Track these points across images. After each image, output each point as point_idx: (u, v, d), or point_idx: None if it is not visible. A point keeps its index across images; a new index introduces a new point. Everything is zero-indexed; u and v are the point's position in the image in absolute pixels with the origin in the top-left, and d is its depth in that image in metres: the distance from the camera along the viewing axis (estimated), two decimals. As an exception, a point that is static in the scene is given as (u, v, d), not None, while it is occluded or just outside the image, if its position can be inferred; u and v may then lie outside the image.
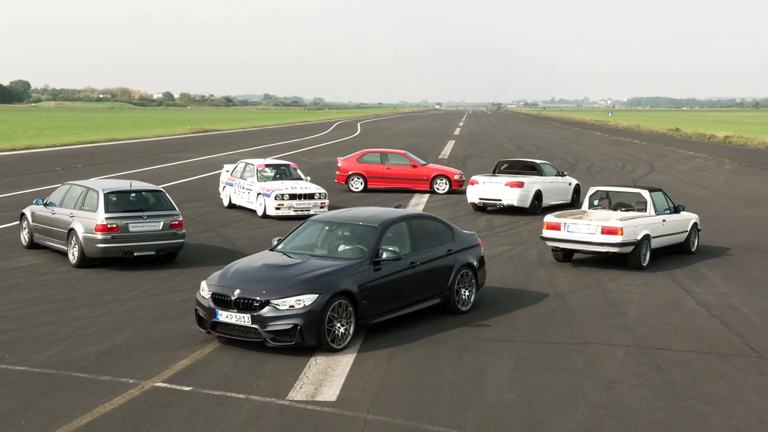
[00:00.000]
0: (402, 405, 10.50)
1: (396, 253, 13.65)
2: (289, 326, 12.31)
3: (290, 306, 12.34)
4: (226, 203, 29.16)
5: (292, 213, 26.57)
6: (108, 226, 18.16)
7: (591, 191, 20.89)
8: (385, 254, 13.51)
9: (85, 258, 18.45)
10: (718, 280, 18.03)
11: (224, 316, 12.68)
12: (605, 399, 10.69)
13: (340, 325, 12.66)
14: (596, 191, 20.84)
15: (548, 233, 19.25)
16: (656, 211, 19.71)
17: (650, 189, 20.25)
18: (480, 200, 28.44)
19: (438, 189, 34.30)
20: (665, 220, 19.78)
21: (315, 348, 12.53)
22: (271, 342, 12.42)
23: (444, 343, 13.22)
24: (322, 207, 26.99)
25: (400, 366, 12.08)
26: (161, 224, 18.74)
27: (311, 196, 26.94)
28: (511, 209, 28.23)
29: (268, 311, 12.38)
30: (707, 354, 12.70)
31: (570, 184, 30.43)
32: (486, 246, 18.76)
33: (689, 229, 20.78)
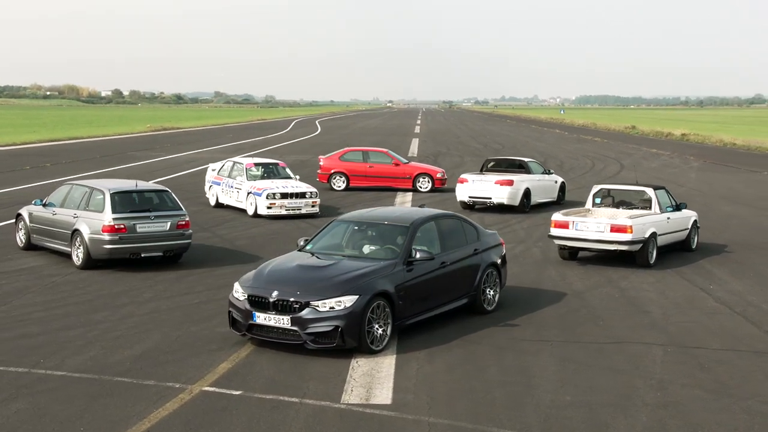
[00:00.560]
0: (459, 407, 10.44)
1: (429, 254, 13.57)
2: (330, 328, 12.17)
3: (330, 307, 12.20)
4: (213, 202, 28.84)
5: (284, 212, 26.36)
6: (115, 227, 17.84)
7: (594, 189, 20.99)
8: (419, 254, 13.42)
9: (91, 259, 18.11)
10: (728, 278, 18.22)
11: (262, 318, 12.50)
12: (661, 399, 10.71)
13: (378, 327, 12.56)
14: (600, 189, 20.95)
15: (556, 231, 19.30)
16: (660, 209, 19.87)
17: (654, 187, 20.40)
18: (470, 198, 28.46)
19: (421, 187, 34.27)
20: (669, 218, 19.95)
21: (354, 350, 12.40)
22: (311, 344, 12.26)
23: (479, 344, 13.18)
24: (313, 206, 26.84)
25: (444, 367, 12.01)
26: (168, 224, 18.46)
27: (302, 195, 26.75)
28: (500, 208, 28.27)
29: (308, 313, 12.23)
30: (745, 353, 12.79)
31: (556, 182, 30.61)
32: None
33: (690, 227, 20.98)
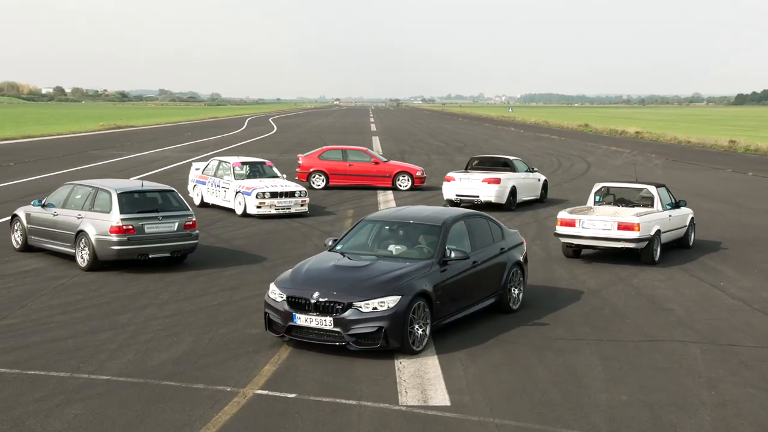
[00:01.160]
0: (520, 408, 10.43)
1: (464, 253, 13.55)
2: (374, 329, 12.08)
3: (373, 308, 12.12)
4: (198, 202, 28.51)
5: (273, 211, 26.16)
6: (123, 228, 17.54)
7: (596, 187, 21.14)
8: (454, 254, 13.39)
9: (97, 261, 17.79)
10: (734, 274, 18.48)
11: (303, 320, 12.37)
12: (717, 399, 10.78)
13: (419, 327, 12.50)
14: (601, 187, 21.11)
15: (562, 230, 19.42)
16: (662, 207, 20.09)
17: (656, 185, 20.62)
18: (457, 197, 28.51)
19: (400, 185, 34.26)
20: (671, 216, 20.18)
21: (395, 351, 12.32)
22: (354, 345, 12.17)
23: (515, 343, 13.18)
24: (303, 205, 26.68)
25: (489, 367, 11.99)
26: (176, 225, 18.21)
27: (292, 194, 26.58)
28: (486, 206, 28.31)
29: (351, 314, 12.13)
30: (781, 349, 12.98)
31: (539, 180, 30.81)
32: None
33: (688, 224, 21.24)
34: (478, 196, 28.06)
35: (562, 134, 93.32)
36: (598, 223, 19.04)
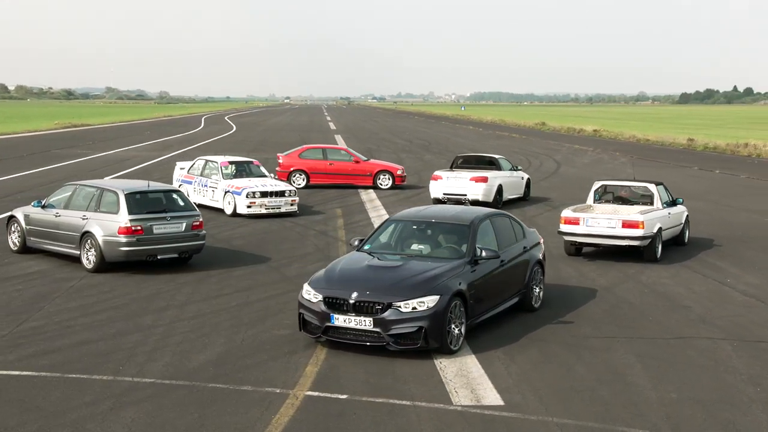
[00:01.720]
0: (574, 406, 10.48)
1: (495, 252, 13.61)
2: (414, 329, 12.08)
3: (413, 308, 12.11)
4: (184, 202, 28.16)
5: (263, 211, 26.03)
6: (132, 229, 17.32)
7: (596, 185, 21.33)
8: (485, 253, 13.43)
9: (104, 262, 17.56)
10: (735, 271, 18.79)
11: (341, 321, 12.32)
12: (764, 395, 10.90)
13: (455, 326, 12.52)
14: (601, 185, 21.30)
15: (566, 228, 19.58)
16: (662, 205, 20.35)
17: (655, 183, 20.88)
18: (444, 195, 28.61)
19: (381, 184, 34.27)
20: (670, 213, 20.45)
21: (434, 350, 12.33)
22: (394, 345, 12.16)
23: (547, 342, 13.26)
24: (292, 205, 26.58)
25: (529, 366, 12.04)
26: (184, 225, 18.03)
27: (282, 194, 26.46)
28: (471, 204, 28.41)
29: (391, 314, 12.11)
30: (809, 345, 13.23)
31: (522, 178, 31.01)
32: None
33: (683, 222, 21.54)
34: (466, 195, 28.16)
35: (522, 132, 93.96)
36: (603, 221, 19.24)
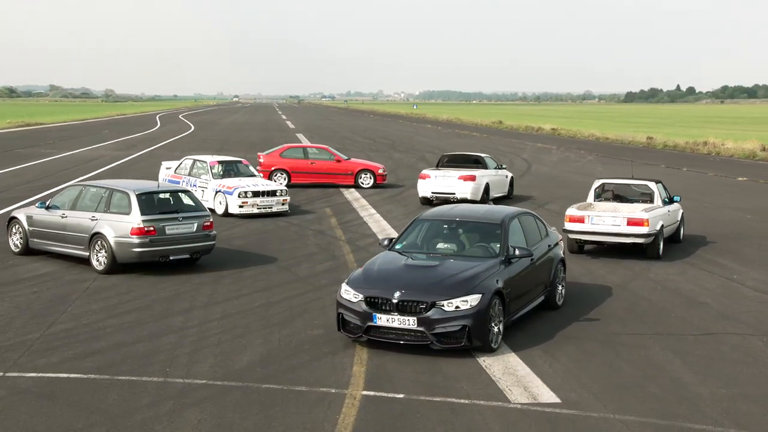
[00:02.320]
0: (630, 403, 10.59)
1: (528, 250, 13.74)
2: (458, 328, 12.16)
3: (456, 307, 12.19)
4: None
5: (255, 211, 25.93)
6: (145, 229, 17.17)
7: (596, 184, 21.58)
8: (518, 251, 13.56)
9: (115, 263, 17.38)
10: (737, 267, 19.16)
11: (384, 320, 12.36)
12: (812, 390, 11.20)
13: (494, 325, 12.63)
14: (601, 183, 21.57)
15: (571, 226, 19.80)
16: (661, 202, 20.67)
17: (655, 181, 21.21)
18: (432, 194, 28.74)
19: (363, 183, 34.30)
20: (669, 211, 20.78)
21: (475, 349, 12.42)
22: (438, 344, 12.23)
23: (581, 339, 13.42)
24: (284, 204, 26.50)
25: (572, 363, 12.16)
26: (195, 226, 17.92)
27: (273, 193, 26.37)
28: (460, 203, 28.56)
29: (435, 313, 12.18)
30: (835, 339, 13.56)
31: (507, 177, 31.26)
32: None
33: (679, 219, 21.90)
34: (455, 193, 28.34)
35: (481, 131, 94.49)
36: (608, 219, 19.50)
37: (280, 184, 27.71)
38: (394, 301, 12.32)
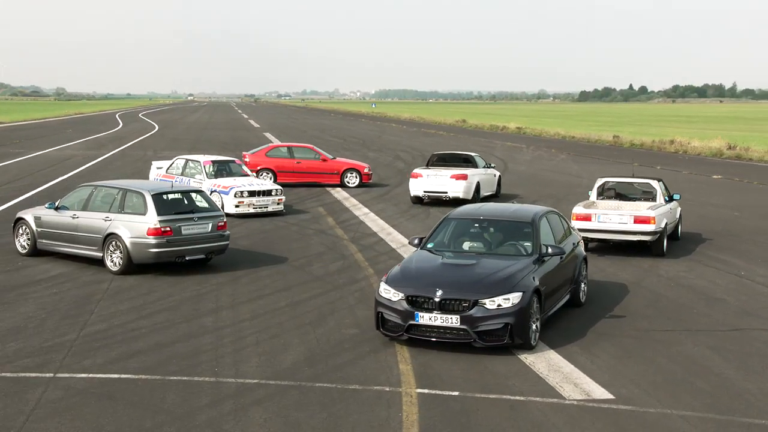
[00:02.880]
0: (682, 398, 10.77)
1: (560, 249, 13.90)
2: (500, 325, 12.29)
3: (498, 305, 12.32)
4: (164, 201, 27.74)
5: (251, 210, 25.88)
6: (162, 230, 17.07)
7: (599, 182, 21.84)
8: (550, 249, 13.72)
9: (132, 264, 17.26)
10: (741, 263, 19.52)
11: (426, 319, 12.44)
12: None
13: (533, 322, 12.77)
14: (604, 182, 21.83)
15: (578, 224, 20.01)
16: (663, 200, 20.99)
17: (656, 179, 21.52)
18: (424, 193, 28.86)
19: (348, 183, 34.34)
20: (671, 209, 21.11)
21: (515, 346, 12.55)
22: (480, 342, 12.35)
23: (614, 336, 13.59)
24: (279, 204, 26.46)
25: (614, 360, 12.31)
26: (210, 226, 17.86)
27: (269, 193, 26.33)
28: (450, 202, 28.70)
29: (477, 311, 12.29)
30: None
31: (495, 176, 31.48)
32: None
33: (678, 217, 22.26)
34: (447, 192, 28.49)
35: (448, 130, 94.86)
36: (614, 217, 19.75)
37: (275, 184, 27.59)
38: (437, 300, 12.41)
